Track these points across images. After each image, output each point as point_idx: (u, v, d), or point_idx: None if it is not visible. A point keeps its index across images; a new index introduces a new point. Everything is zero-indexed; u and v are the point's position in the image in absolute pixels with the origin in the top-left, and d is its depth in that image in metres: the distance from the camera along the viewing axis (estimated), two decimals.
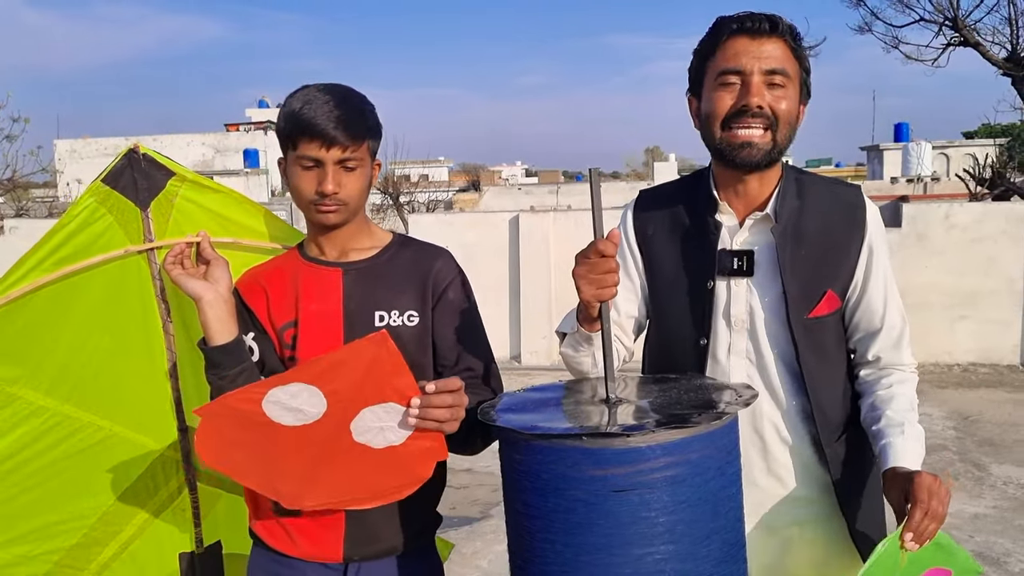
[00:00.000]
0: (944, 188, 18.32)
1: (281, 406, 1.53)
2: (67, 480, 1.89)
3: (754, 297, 1.71)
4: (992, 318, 8.33)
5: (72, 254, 1.83)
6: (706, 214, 1.75)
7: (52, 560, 1.92)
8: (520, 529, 1.35)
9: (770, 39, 1.64)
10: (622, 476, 1.23)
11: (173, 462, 1.98)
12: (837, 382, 1.76)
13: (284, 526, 1.72)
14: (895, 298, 1.78)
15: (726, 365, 1.73)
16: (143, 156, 1.87)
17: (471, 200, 24.42)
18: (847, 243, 1.72)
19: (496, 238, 9.09)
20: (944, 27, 16.06)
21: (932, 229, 8.43)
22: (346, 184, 1.68)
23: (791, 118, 1.67)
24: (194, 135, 31.37)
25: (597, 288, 1.47)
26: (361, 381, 1.49)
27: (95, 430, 1.90)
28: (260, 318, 1.76)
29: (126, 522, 1.97)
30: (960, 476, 5.35)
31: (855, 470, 1.75)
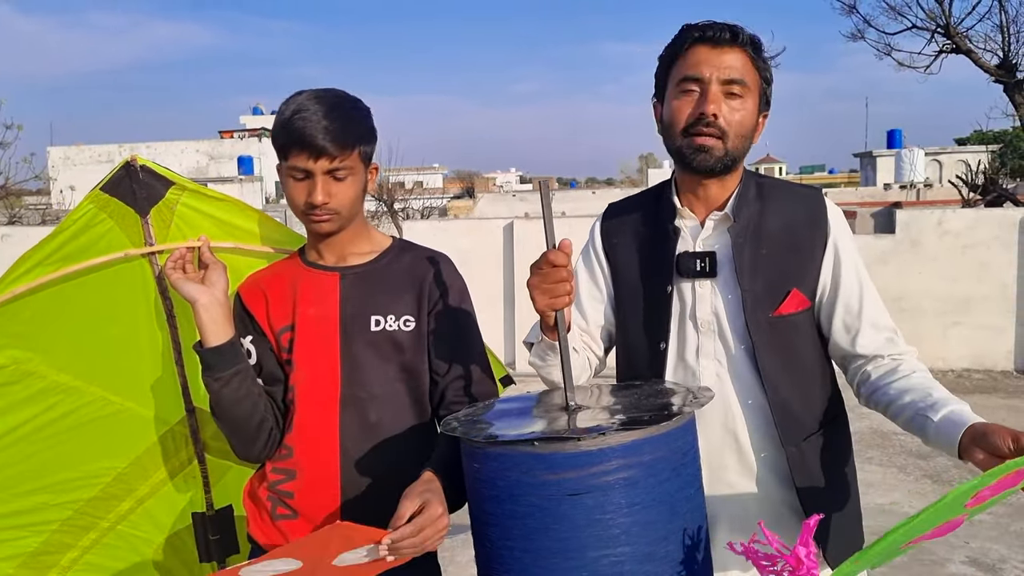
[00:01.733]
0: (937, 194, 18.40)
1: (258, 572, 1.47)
2: (82, 444, 2.02)
3: (718, 298, 1.73)
4: (985, 324, 8.35)
5: (74, 253, 1.89)
6: (666, 220, 1.78)
7: (73, 508, 2.06)
8: (481, 537, 1.37)
9: (731, 49, 1.67)
10: (575, 480, 1.24)
11: (182, 436, 2.08)
12: (805, 382, 1.74)
13: (280, 530, 1.73)
14: (873, 293, 1.76)
15: (695, 367, 1.73)
16: (141, 168, 1.90)
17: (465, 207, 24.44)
18: (810, 243, 1.74)
19: (491, 245, 9.09)
20: (936, 34, 16.15)
21: (925, 235, 8.46)
22: (336, 193, 1.68)
23: (744, 129, 1.69)
24: (188, 142, 31.36)
25: (550, 298, 1.50)
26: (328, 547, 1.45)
27: (106, 403, 2.02)
28: (260, 322, 1.77)
29: (140, 482, 2.10)
30: (955, 482, 5.35)
31: (821, 472, 1.73)
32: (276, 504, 1.74)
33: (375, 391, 1.71)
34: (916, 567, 4.15)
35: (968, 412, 1.55)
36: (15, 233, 9.67)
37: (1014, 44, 15.60)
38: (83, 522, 2.07)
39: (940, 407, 1.56)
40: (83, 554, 2.10)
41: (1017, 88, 15.45)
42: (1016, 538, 4.48)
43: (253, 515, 1.78)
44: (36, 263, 1.88)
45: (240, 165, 27.28)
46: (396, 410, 1.73)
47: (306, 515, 1.71)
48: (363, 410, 1.71)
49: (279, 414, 1.76)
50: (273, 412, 1.74)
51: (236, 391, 1.68)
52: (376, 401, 1.71)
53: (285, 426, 1.75)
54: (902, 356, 1.73)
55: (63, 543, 2.08)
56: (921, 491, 5.16)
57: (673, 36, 1.74)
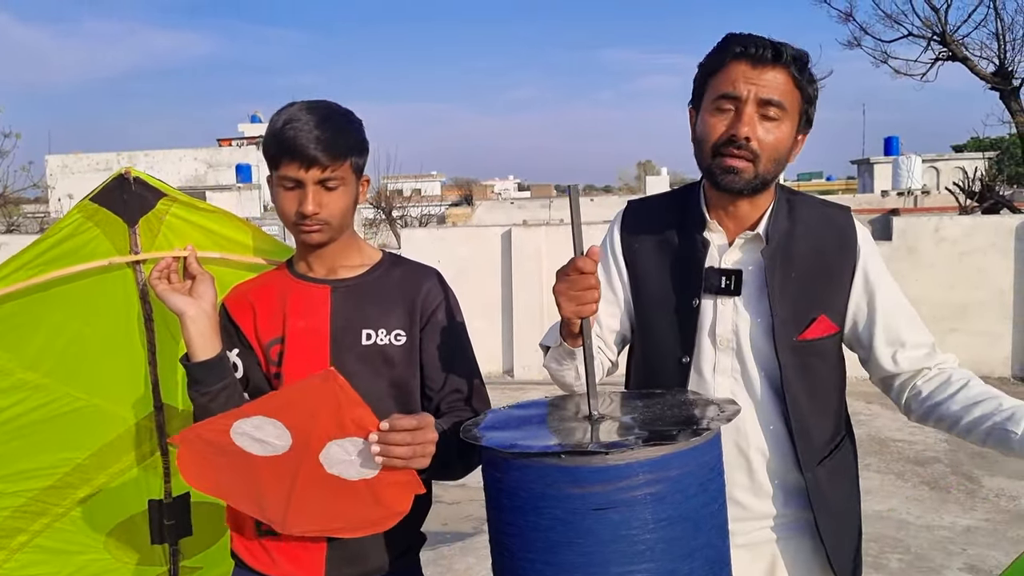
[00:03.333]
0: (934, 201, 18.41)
1: (248, 437, 1.53)
2: (44, 437, 2.03)
3: (740, 317, 1.70)
4: (982, 330, 8.36)
5: (57, 258, 1.88)
6: (695, 231, 1.74)
7: (27, 496, 2.07)
8: (501, 548, 1.34)
9: (773, 68, 1.61)
10: (601, 494, 1.21)
11: (147, 430, 2.08)
12: (825, 407, 1.74)
13: (265, 547, 1.70)
14: (908, 310, 1.76)
15: (711, 383, 1.72)
16: (135, 179, 1.89)
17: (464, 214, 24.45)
18: (839, 267, 1.72)
19: (489, 252, 9.09)
20: (932, 42, 16.22)
21: (922, 242, 8.47)
22: (327, 204, 1.67)
23: (778, 153, 1.65)
24: (186, 150, 31.33)
25: (577, 305, 1.46)
26: (317, 416, 1.48)
27: (72, 400, 2.02)
28: (246, 334, 1.75)
29: (99, 472, 2.11)
30: (953, 489, 5.35)
31: (834, 493, 1.73)
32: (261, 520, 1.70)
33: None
34: (914, 574, 4.15)
35: None
36: (12, 242, 9.66)
37: (1010, 51, 15.68)
38: (36, 508, 2.09)
39: (1019, 418, 1.54)
40: (33, 537, 2.11)
41: (1013, 95, 15.51)
42: (1013, 545, 4.48)
43: (236, 531, 1.75)
44: (17, 267, 1.87)
45: (238, 173, 27.26)
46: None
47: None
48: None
49: None
50: None
51: (223, 406, 1.64)
52: None
53: None
54: (946, 366, 1.72)
55: (15, 527, 2.09)
56: (919, 497, 5.17)
57: (716, 44, 1.68)
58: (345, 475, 1.52)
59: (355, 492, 1.53)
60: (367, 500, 1.54)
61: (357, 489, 1.53)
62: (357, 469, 1.50)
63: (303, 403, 1.48)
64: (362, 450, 1.48)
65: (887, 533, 4.54)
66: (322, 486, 1.54)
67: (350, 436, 1.48)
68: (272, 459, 1.55)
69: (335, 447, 1.50)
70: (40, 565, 2.13)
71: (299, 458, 1.53)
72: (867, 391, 8.75)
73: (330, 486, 1.54)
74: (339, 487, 1.53)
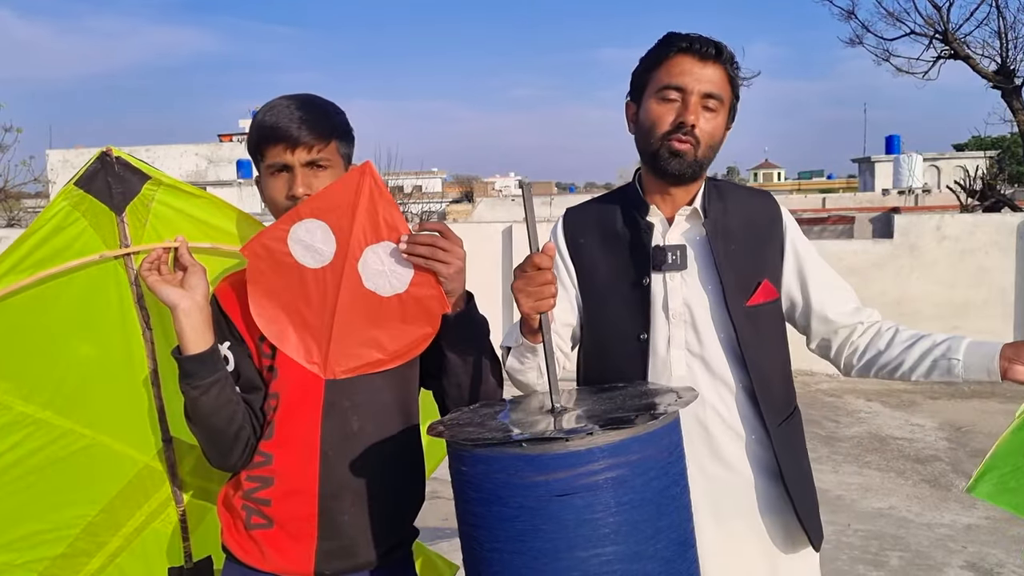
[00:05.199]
0: (935, 200, 18.42)
1: (303, 245, 1.64)
2: (50, 487, 1.87)
3: (690, 289, 1.80)
4: (983, 329, 8.34)
5: (46, 258, 1.80)
6: (637, 216, 1.84)
7: (37, 569, 1.90)
8: (469, 540, 1.37)
9: (714, 64, 1.75)
10: (563, 480, 1.24)
11: (158, 474, 1.93)
12: (777, 367, 1.84)
13: (255, 540, 1.69)
14: (832, 272, 1.91)
15: (666, 357, 1.80)
16: (116, 159, 1.82)
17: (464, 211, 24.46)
18: (771, 238, 1.86)
19: (490, 249, 9.09)
20: (934, 40, 16.17)
21: (923, 240, 8.47)
22: (317, 186, 1.66)
23: (714, 140, 1.79)
24: (187, 145, 31.34)
25: (535, 300, 1.52)
26: (355, 213, 1.60)
27: (77, 437, 1.87)
28: (238, 326, 1.72)
29: (112, 533, 1.93)
30: (953, 487, 5.35)
31: (796, 455, 1.85)
32: (251, 513, 1.70)
33: (358, 399, 1.68)
34: (914, 572, 4.15)
35: (985, 341, 1.73)
36: (13, 236, 9.62)
37: (1012, 50, 15.62)
38: None
39: (956, 347, 1.73)
40: None
41: (1015, 94, 15.47)
42: (1013, 543, 4.48)
43: (227, 524, 1.74)
44: (7, 270, 1.78)
45: (239, 169, 27.24)
46: (380, 418, 1.70)
47: (282, 523, 1.67)
48: (346, 418, 1.67)
49: (256, 422, 1.70)
50: (250, 420, 1.69)
51: (215, 400, 1.63)
52: (359, 409, 1.68)
53: (263, 433, 1.70)
54: (877, 320, 1.88)
55: None
56: (919, 495, 5.16)
57: (657, 41, 1.80)
58: (379, 290, 1.64)
59: (388, 312, 1.65)
60: (398, 322, 1.65)
61: (390, 308, 1.65)
62: (388, 280, 1.63)
63: (344, 199, 1.61)
64: (392, 252, 1.62)
65: (887, 531, 4.54)
66: (359, 307, 1.65)
67: (383, 240, 1.61)
68: (319, 273, 1.65)
69: (370, 254, 1.63)
70: None
71: (341, 268, 1.64)
72: (867, 389, 8.77)
73: (367, 307, 1.65)
74: (375, 308, 1.65)
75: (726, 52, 1.76)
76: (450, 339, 1.66)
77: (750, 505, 1.79)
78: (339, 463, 1.66)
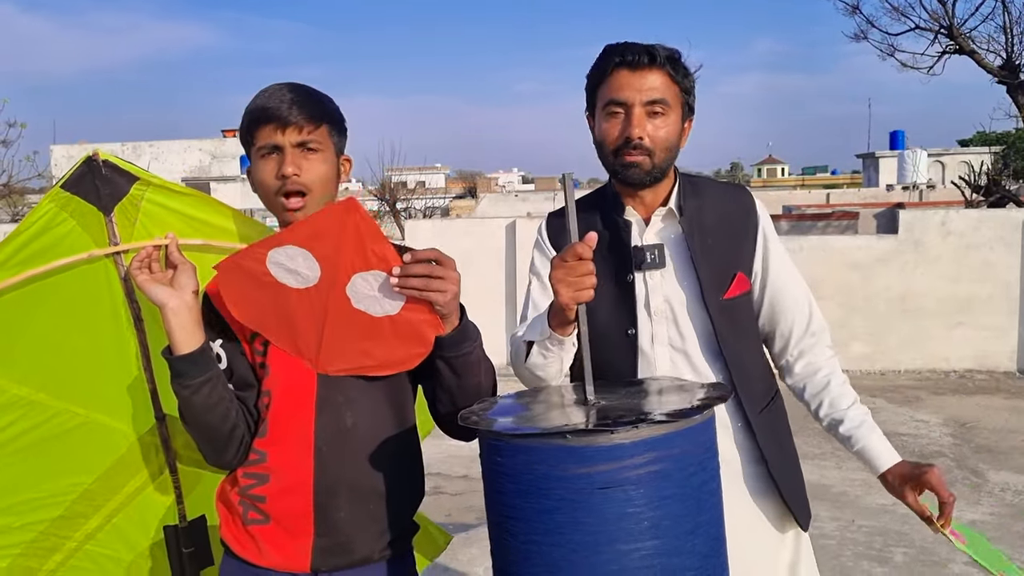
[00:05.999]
0: (940, 195, 18.37)
1: (283, 268, 1.59)
2: (46, 461, 1.92)
3: (669, 287, 1.85)
4: (988, 324, 8.34)
5: (34, 256, 1.80)
6: (615, 216, 1.89)
7: (37, 529, 1.96)
8: (503, 532, 1.35)
9: (650, 71, 1.78)
10: (607, 473, 1.23)
11: (152, 446, 1.98)
12: (755, 357, 1.91)
13: (252, 536, 1.68)
14: (798, 280, 1.95)
15: (651, 354, 1.84)
16: (103, 162, 1.81)
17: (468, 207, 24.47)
18: (743, 231, 1.90)
19: (493, 244, 9.09)
20: (939, 35, 16.13)
21: (928, 236, 8.45)
22: (307, 169, 1.63)
23: (669, 143, 1.82)
24: (191, 141, 31.31)
25: (575, 290, 1.52)
26: (341, 246, 1.55)
27: (71, 416, 1.91)
28: (230, 323, 1.69)
29: (108, 498, 1.99)
30: (957, 483, 5.35)
31: (779, 439, 1.90)
32: (248, 509, 1.69)
33: (352, 395, 1.66)
34: (918, 567, 4.14)
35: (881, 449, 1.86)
36: None
37: (1017, 45, 15.59)
38: (48, 543, 1.97)
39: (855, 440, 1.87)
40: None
41: (1020, 89, 15.43)
42: (1019, 538, 4.48)
43: (225, 519, 1.74)
44: None
45: (243, 164, 27.23)
46: (374, 414, 1.68)
47: (278, 519, 1.66)
48: (339, 414, 1.65)
49: (250, 419, 1.69)
50: (244, 418, 1.67)
51: (207, 398, 1.61)
52: (353, 405, 1.66)
53: (257, 430, 1.69)
54: (816, 351, 1.93)
55: (28, 568, 1.97)
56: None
57: (598, 56, 1.84)
58: (370, 311, 1.59)
59: (380, 330, 1.60)
60: (390, 339, 1.61)
61: (382, 327, 1.60)
62: (380, 304, 1.58)
63: (328, 233, 1.55)
64: (383, 284, 1.56)
65: (892, 527, 4.54)
66: (350, 323, 1.60)
67: (373, 269, 1.56)
68: (304, 292, 1.60)
69: (359, 280, 1.57)
70: None
71: (328, 290, 1.59)
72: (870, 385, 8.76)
73: (357, 323, 1.60)
74: (365, 325, 1.60)
75: (659, 56, 1.78)
76: (446, 357, 1.63)
77: (740, 491, 1.83)
78: (334, 459, 1.65)
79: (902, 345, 8.26)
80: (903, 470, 1.85)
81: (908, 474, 1.84)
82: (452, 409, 1.65)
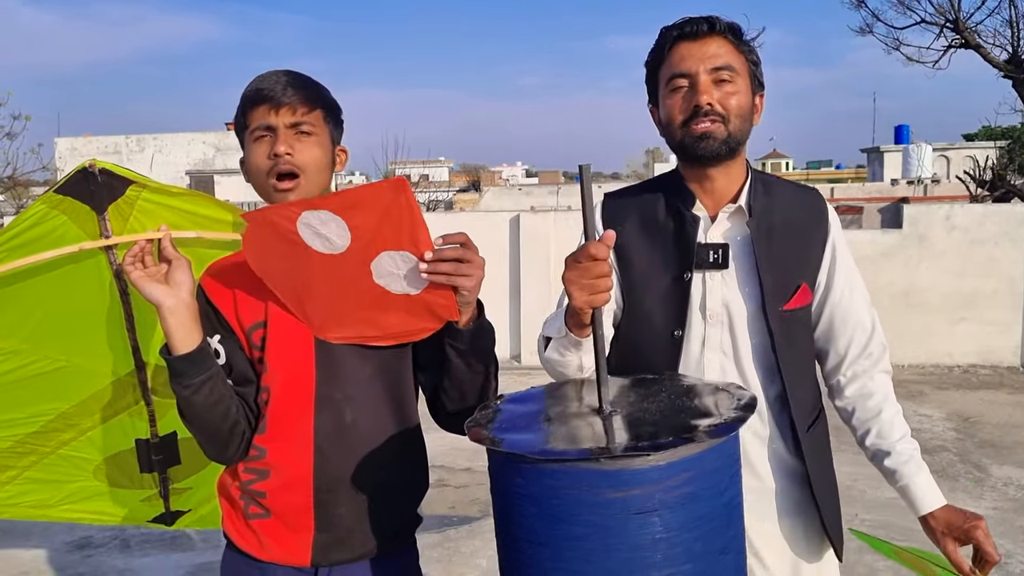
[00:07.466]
0: (944, 190, 18.32)
1: (312, 231, 1.55)
2: (26, 393, 2.05)
3: (729, 290, 1.73)
4: (992, 320, 8.33)
5: (23, 245, 1.82)
6: (682, 208, 1.76)
7: (13, 439, 2.11)
8: (523, 557, 1.23)
9: (711, 39, 1.69)
10: (642, 496, 1.13)
11: (130, 384, 2.09)
12: (807, 373, 1.80)
13: (253, 529, 1.68)
14: (862, 296, 1.83)
15: (699, 358, 1.74)
16: (100, 171, 1.81)
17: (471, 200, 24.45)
18: (813, 238, 1.79)
19: (496, 238, 9.08)
20: (945, 29, 16.06)
21: (933, 230, 8.43)
22: (300, 150, 1.62)
23: (742, 110, 1.70)
24: (195, 134, 31.30)
25: (589, 294, 1.40)
26: (380, 223, 1.52)
27: (52, 361, 2.03)
28: (227, 317, 1.68)
29: (84, 418, 2.13)
30: (960, 477, 5.35)
31: (824, 461, 1.81)
32: (249, 503, 1.69)
33: (351, 391, 1.65)
34: None
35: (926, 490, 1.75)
36: None
37: (1023, 39, 15.51)
38: (22, 449, 2.12)
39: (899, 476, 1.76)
40: (22, 472, 2.17)
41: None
42: (1021, 533, 4.48)
43: (227, 513, 1.74)
44: None
45: None
46: (374, 410, 1.67)
47: (278, 514, 1.66)
48: (339, 411, 1.64)
49: (250, 415, 1.68)
50: (245, 414, 1.66)
51: (207, 397, 1.59)
52: (352, 401, 1.65)
53: (257, 427, 1.68)
54: (871, 373, 1.82)
55: (2, 465, 2.14)
56: None
57: (654, 41, 1.76)
58: (390, 287, 1.57)
59: (394, 304, 1.59)
60: (401, 312, 1.60)
61: (396, 302, 1.58)
62: (402, 284, 1.56)
63: (369, 205, 1.52)
64: (412, 268, 1.54)
65: (895, 521, 4.53)
66: (365, 293, 1.59)
67: (404, 251, 1.53)
68: (328, 259, 1.57)
69: (386, 257, 1.55)
70: (31, 494, 2.19)
71: (352, 260, 1.56)
72: None
73: (372, 294, 1.58)
74: (380, 297, 1.59)
75: (719, 23, 1.69)
76: (462, 350, 1.61)
77: (771, 510, 1.74)
78: (334, 456, 1.64)
79: (906, 340, 8.24)
80: (949, 517, 1.73)
81: (954, 524, 1.72)
82: (459, 407, 1.65)
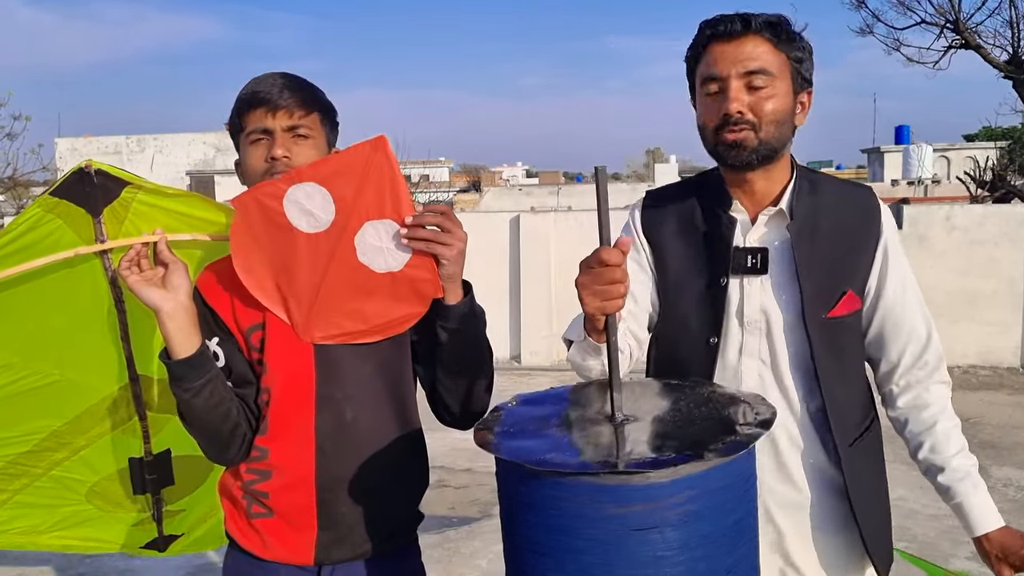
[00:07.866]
0: (945, 191, 18.32)
1: (299, 207, 1.57)
2: (17, 410, 2.02)
3: (768, 296, 1.66)
4: (992, 320, 8.33)
5: (17, 251, 1.80)
6: (720, 210, 1.70)
7: (4, 459, 2.07)
8: (525, 566, 1.23)
9: (746, 38, 1.61)
10: (643, 513, 1.12)
11: (124, 399, 2.06)
12: (853, 384, 1.71)
13: (256, 529, 1.69)
14: (917, 303, 1.74)
15: (736, 366, 1.68)
16: (96, 172, 1.81)
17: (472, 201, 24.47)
18: (863, 243, 1.69)
19: (497, 238, 9.08)
20: (945, 29, 16.04)
21: (933, 231, 8.43)
22: (298, 153, 1.62)
23: (778, 115, 1.62)
24: (195, 134, 31.28)
25: (601, 300, 1.34)
26: (362, 186, 1.55)
27: (44, 376, 2.00)
28: (225, 320, 1.68)
29: (77, 436, 2.09)
30: None
31: (867, 476, 1.72)
32: (251, 503, 1.69)
33: (351, 390, 1.65)
34: None
35: (984, 510, 1.70)
36: None
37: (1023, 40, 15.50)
38: (14, 471, 2.09)
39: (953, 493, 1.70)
40: (13, 495, 2.13)
41: None
42: None
43: (230, 513, 1.74)
44: None
45: None
46: (374, 409, 1.67)
47: (281, 513, 1.67)
48: (339, 410, 1.65)
49: (251, 416, 1.68)
50: (245, 415, 1.67)
51: (208, 400, 1.59)
52: (353, 400, 1.65)
53: (259, 428, 1.68)
54: (927, 384, 1.76)
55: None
56: (926, 486, 5.10)
57: (694, 35, 1.69)
58: (373, 265, 1.59)
59: (377, 286, 1.61)
60: (386, 298, 1.61)
61: (381, 284, 1.60)
62: (385, 257, 1.59)
63: (351, 172, 1.55)
64: (393, 235, 1.57)
65: (895, 521, 4.52)
66: (349, 279, 1.60)
67: (386, 218, 1.57)
68: (313, 239, 1.59)
69: (370, 228, 1.58)
70: (22, 519, 2.16)
71: (337, 237, 1.58)
72: None
73: (357, 279, 1.60)
74: (365, 281, 1.60)
75: (755, 21, 1.60)
76: (452, 329, 1.62)
77: (807, 522, 1.69)
78: (335, 455, 1.65)
79: None
80: (1005, 541, 1.65)
81: (1010, 547, 1.64)
82: (455, 397, 1.68)
